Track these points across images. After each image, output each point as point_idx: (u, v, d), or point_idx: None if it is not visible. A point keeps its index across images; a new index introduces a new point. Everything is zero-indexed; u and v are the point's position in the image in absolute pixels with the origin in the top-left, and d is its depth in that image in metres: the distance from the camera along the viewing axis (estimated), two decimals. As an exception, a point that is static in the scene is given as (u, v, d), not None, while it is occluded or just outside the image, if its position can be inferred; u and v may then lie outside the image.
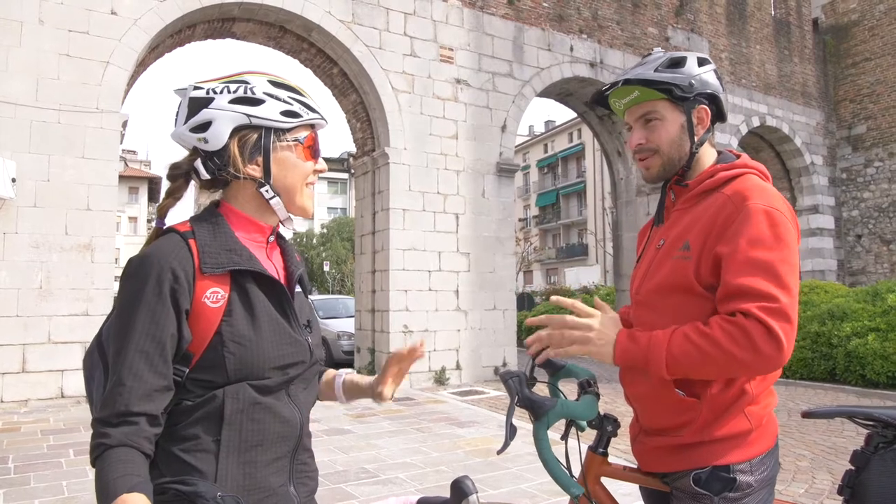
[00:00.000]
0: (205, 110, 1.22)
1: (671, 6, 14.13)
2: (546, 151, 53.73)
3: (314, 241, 53.71)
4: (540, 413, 1.41)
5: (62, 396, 7.61)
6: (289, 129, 1.27)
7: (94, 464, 1.06)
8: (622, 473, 1.62)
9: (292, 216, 1.33)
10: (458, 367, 10.44)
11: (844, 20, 17.72)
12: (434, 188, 10.57)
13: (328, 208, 66.07)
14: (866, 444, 1.71)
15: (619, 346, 1.42)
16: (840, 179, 17.46)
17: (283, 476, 1.23)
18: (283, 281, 1.32)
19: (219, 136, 1.22)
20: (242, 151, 1.24)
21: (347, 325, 13.38)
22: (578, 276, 36.71)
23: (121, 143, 8.70)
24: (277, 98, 1.25)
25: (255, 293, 1.22)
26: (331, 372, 1.53)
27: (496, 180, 11.25)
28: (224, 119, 1.21)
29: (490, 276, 10.99)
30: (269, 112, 1.24)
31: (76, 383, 7.66)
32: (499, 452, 1.43)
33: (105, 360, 1.22)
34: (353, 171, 12.63)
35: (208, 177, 1.25)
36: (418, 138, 10.50)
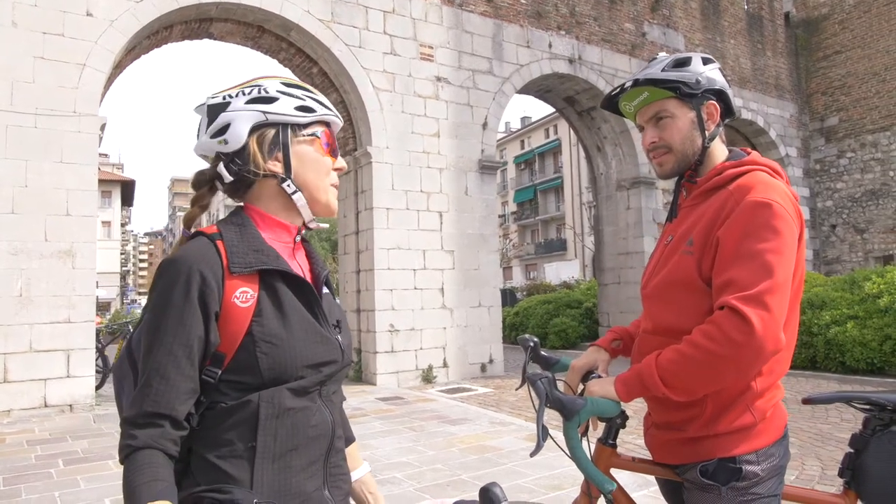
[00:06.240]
0: (223, 114, 1.26)
1: (647, 2, 14.25)
2: (523, 147, 53.94)
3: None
4: (571, 413, 1.44)
5: (45, 406, 7.46)
6: (305, 125, 1.30)
7: (122, 462, 1.08)
8: (632, 464, 1.66)
9: (316, 218, 1.34)
10: (444, 364, 10.45)
11: (815, 14, 18.04)
12: (417, 187, 10.56)
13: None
14: (864, 428, 1.77)
15: (618, 381, 1.48)
16: (814, 171, 17.78)
17: (317, 480, 1.23)
18: (309, 281, 1.32)
19: (238, 135, 1.25)
20: (261, 147, 1.26)
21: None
22: (558, 271, 36.87)
23: (98, 146, 8.55)
24: (291, 95, 1.29)
25: (285, 292, 1.23)
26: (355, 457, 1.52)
27: (479, 177, 11.27)
28: (241, 119, 1.25)
29: (475, 273, 11.02)
30: (284, 108, 1.27)
31: (60, 392, 7.53)
32: (532, 455, 1.45)
33: (135, 369, 1.23)
34: (334, 170, 12.53)
35: (231, 178, 1.27)
36: (400, 137, 10.48)
